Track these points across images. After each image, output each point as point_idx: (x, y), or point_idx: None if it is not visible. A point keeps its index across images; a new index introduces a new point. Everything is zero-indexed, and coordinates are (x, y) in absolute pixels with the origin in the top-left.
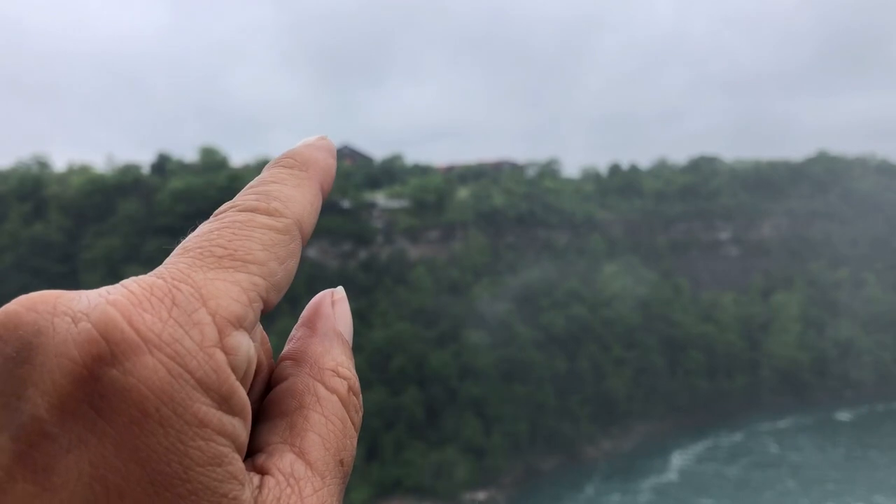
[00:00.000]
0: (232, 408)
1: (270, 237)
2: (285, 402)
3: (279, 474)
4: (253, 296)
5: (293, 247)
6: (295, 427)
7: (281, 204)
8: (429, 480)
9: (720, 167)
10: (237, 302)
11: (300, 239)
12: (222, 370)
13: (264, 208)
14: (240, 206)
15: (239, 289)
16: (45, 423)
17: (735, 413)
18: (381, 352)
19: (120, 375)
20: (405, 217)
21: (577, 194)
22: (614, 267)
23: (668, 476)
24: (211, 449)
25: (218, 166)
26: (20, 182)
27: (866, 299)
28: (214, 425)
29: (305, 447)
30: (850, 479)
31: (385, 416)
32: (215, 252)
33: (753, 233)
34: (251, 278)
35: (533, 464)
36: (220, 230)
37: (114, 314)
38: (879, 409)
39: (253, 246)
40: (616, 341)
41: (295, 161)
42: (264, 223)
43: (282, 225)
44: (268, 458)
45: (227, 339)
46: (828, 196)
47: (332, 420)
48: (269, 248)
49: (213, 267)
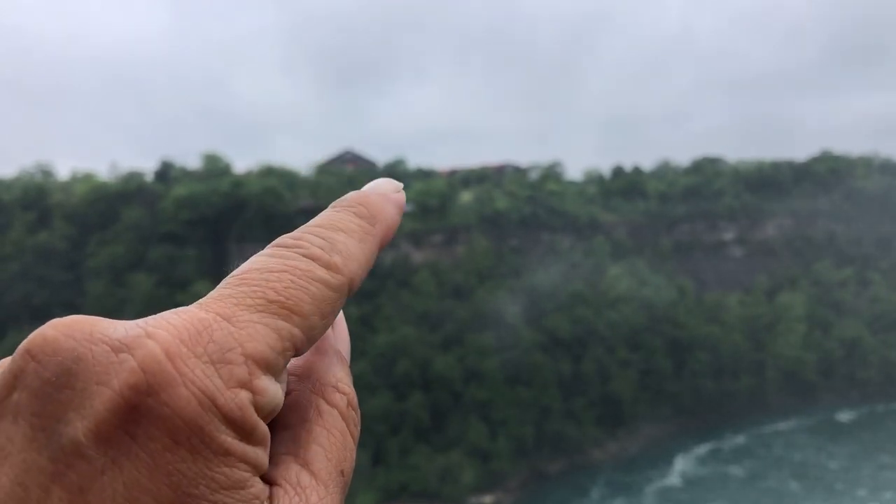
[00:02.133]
0: (254, 440)
1: (322, 293)
2: (290, 415)
3: (287, 484)
4: (288, 345)
5: (339, 304)
6: (299, 439)
7: (342, 260)
8: (434, 484)
9: (723, 168)
10: (272, 349)
11: (347, 295)
12: (247, 408)
13: (326, 261)
14: (305, 250)
15: (277, 337)
16: (83, 446)
17: (741, 414)
18: (386, 356)
19: (155, 405)
20: (408, 221)
21: (581, 197)
22: (618, 269)
23: (673, 479)
24: (234, 474)
25: (221, 173)
26: (24, 191)
27: (871, 298)
28: (238, 454)
29: (309, 458)
30: (856, 479)
31: (390, 420)
32: (268, 295)
33: (757, 233)
34: (292, 329)
35: (538, 467)
36: (280, 273)
37: (151, 346)
38: (886, 408)
39: (304, 297)
40: (621, 343)
41: (367, 212)
42: (321, 277)
43: (336, 283)
44: (275, 469)
45: (255, 381)
46: (832, 196)
47: (333, 433)
48: (318, 303)
49: (261, 310)
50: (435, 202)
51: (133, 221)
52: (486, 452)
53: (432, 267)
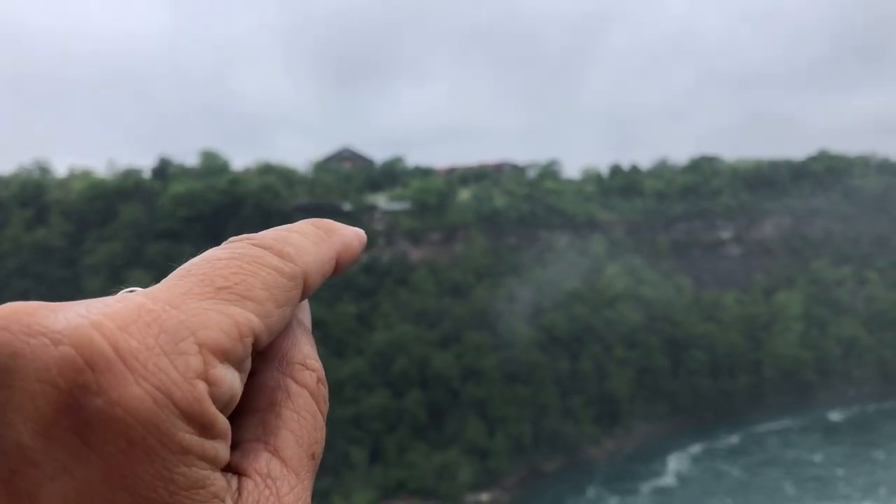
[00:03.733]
0: (213, 434)
1: (274, 279)
2: (257, 398)
3: (256, 476)
4: (245, 331)
5: (294, 294)
6: (268, 425)
7: (294, 250)
8: (432, 482)
9: (721, 167)
10: (227, 335)
11: (302, 289)
12: (205, 400)
13: (277, 249)
14: (255, 240)
15: (231, 322)
16: (29, 449)
17: (738, 413)
18: (384, 354)
19: (106, 406)
20: (406, 219)
21: (579, 195)
22: (616, 267)
23: (669, 478)
24: (194, 473)
25: (219, 170)
26: (22, 187)
27: (869, 297)
28: (197, 452)
29: (279, 445)
30: (850, 478)
31: (388, 418)
32: (216, 282)
33: (755, 232)
34: (246, 314)
35: (536, 465)
36: (227, 260)
37: (97, 339)
38: (883, 407)
39: (255, 283)
40: (618, 342)
41: (323, 225)
42: (272, 264)
43: (289, 270)
44: (243, 458)
45: (211, 371)
46: (829, 195)
47: (303, 416)
48: (271, 290)
49: (210, 297)
50: (433, 200)
51: (131, 219)
52: (484, 450)
53: (430, 265)
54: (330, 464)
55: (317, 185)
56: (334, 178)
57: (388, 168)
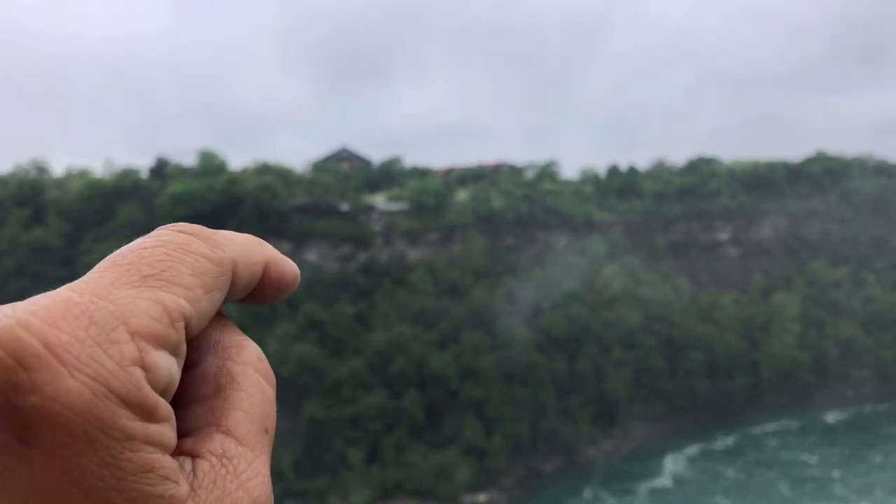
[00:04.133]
0: (156, 418)
1: (202, 265)
2: (203, 387)
3: (211, 456)
4: (175, 316)
5: (222, 281)
6: (217, 409)
7: (222, 239)
8: (429, 482)
9: (718, 168)
10: (157, 321)
11: (230, 277)
12: (143, 386)
13: (205, 236)
14: (182, 227)
15: (161, 308)
16: None
17: (735, 413)
18: (382, 354)
19: (42, 402)
20: (404, 220)
21: (576, 196)
22: (614, 268)
23: (666, 479)
24: (140, 458)
25: (217, 170)
26: (19, 187)
27: (866, 299)
28: (141, 437)
29: (231, 425)
30: (849, 479)
31: (386, 418)
32: (143, 270)
33: (752, 233)
34: (175, 300)
35: (534, 465)
36: (154, 248)
37: (25, 337)
38: (880, 408)
39: (183, 269)
40: (616, 342)
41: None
42: (199, 250)
43: (216, 256)
44: (197, 442)
45: (147, 358)
46: (827, 196)
47: (250, 393)
48: (199, 275)
49: (137, 285)
50: (431, 201)
51: (128, 218)
52: (482, 451)
53: (428, 265)
54: (327, 464)
55: (315, 186)
56: (332, 178)
57: (386, 168)
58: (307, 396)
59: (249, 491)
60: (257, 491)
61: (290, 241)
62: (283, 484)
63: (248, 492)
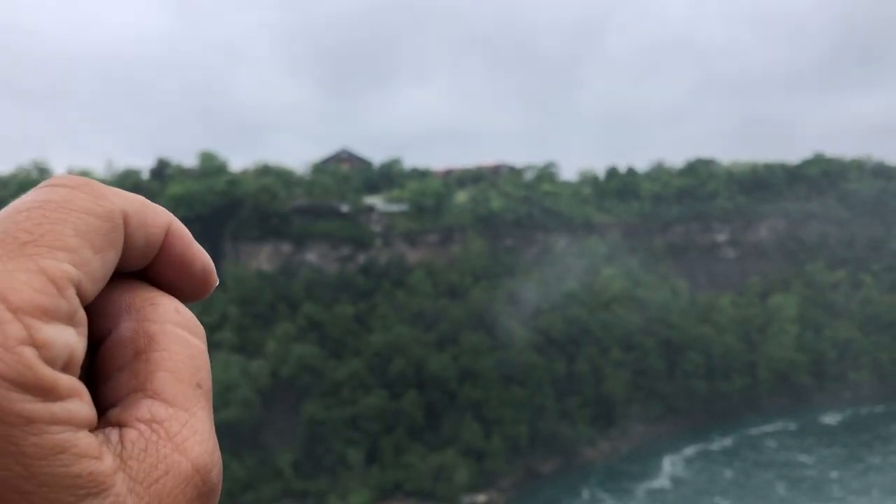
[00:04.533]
0: (59, 396)
1: (87, 222)
2: (122, 353)
3: (139, 424)
4: (63, 283)
5: (114, 237)
6: (140, 373)
7: (109, 191)
8: (428, 483)
9: (717, 170)
10: (42, 293)
11: (122, 232)
12: (36, 365)
13: (88, 188)
14: (62, 181)
15: (44, 278)
16: None
17: (733, 415)
18: (381, 355)
19: None
20: (404, 221)
21: (575, 197)
22: (612, 270)
23: (663, 480)
24: (47, 441)
25: (217, 171)
26: (20, 188)
27: (863, 300)
28: (45, 418)
29: (157, 388)
30: (846, 480)
31: (385, 419)
32: (20, 237)
33: (751, 235)
34: (59, 265)
35: (532, 466)
36: (28, 211)
37: None
38: (878, 410)
39: (65, 231)
40: (614, 344)
41: None
42: (83, 206)
43: (102, 210)
44: (123, 411)
45: (36, 335)
46: (825, 198)
47: (174, 350)
48: (84, 235)
49: (14, 256)
50: (430, 202)
51: None
52: (480, 452)
53: (427, 267)
54: (327, 464)
55: (315, 187)
56: (332, 179)
57: (385, 170)
58: (307, 397)
59: (186, 452)
60: (196, 451)
61: (290, 242)
62: (283, 484)
63: (185, 453)
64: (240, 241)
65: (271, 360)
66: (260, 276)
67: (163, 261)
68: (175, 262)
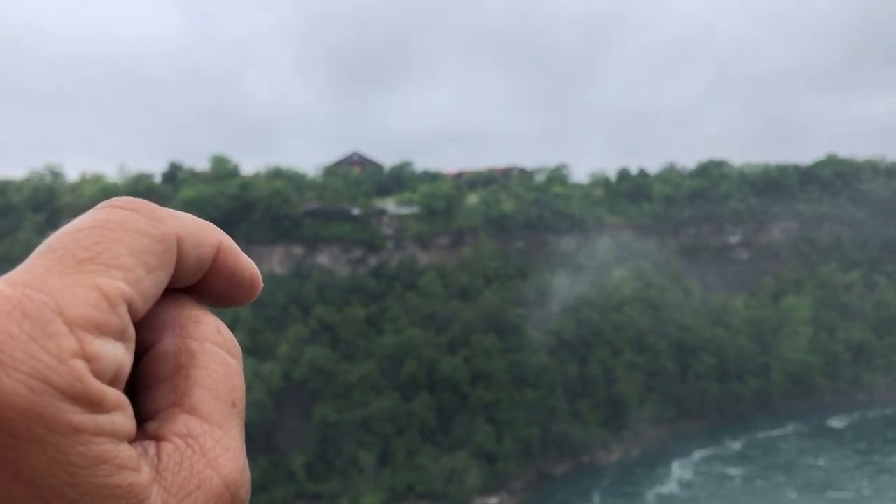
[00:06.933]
0: (105, 408)
1: (142, 243)
2: (162, 367)
3: (175, 438)
4: (115, 301)
5: (167, 258)
6: (179, 388)
7: (165, 214)
8: (440, 486)
9: (729, 171)
10: (96, 309)
11: (175, 254)
12: (86, 378)
13: (147, 211)
14: (121, 203)
15: (99, 294)
16: None
17: (746, 417)
18: (393, 357)
19: None
20: (415, 223)
21: (587, 199)
22: (624, 271)
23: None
24: (92, 451)
25: (229, 175)
26: (34, 192)
27: (877, 302)
28: (91, 429)
29: (195, 404)
30: (859, 484)
31: (397, 421)
32: (78, 255)
33: (763, 236)
34: (114, 284)
35: (544, 469)
36: (89, 230)
37: None
38: (891, 412)
39: (121, 251)
40: (627, 345)
41: None
42: (139, 227)
43: (158, 232)
44: (161, 425)
45: (89, 348)
46: (838, 199)
47: (212, 368)
48: (139, 255)
49: (72, 272)
50: (441, 204)
51: None
52: (492, 454)
53: (439, 269)
54: (339, 466)
55: (326, 190)
56: (343, 182)
57: (396, 172)
58: (319, 399)
59: (218, 468)
60: (227, 468)
61: (301, 245)
62: (296, 486)
63: (217, 469)
64: (252, 244)
65: (283, 362)
66: (272, 279)
67: (214, 275)
68: (225, 276)
